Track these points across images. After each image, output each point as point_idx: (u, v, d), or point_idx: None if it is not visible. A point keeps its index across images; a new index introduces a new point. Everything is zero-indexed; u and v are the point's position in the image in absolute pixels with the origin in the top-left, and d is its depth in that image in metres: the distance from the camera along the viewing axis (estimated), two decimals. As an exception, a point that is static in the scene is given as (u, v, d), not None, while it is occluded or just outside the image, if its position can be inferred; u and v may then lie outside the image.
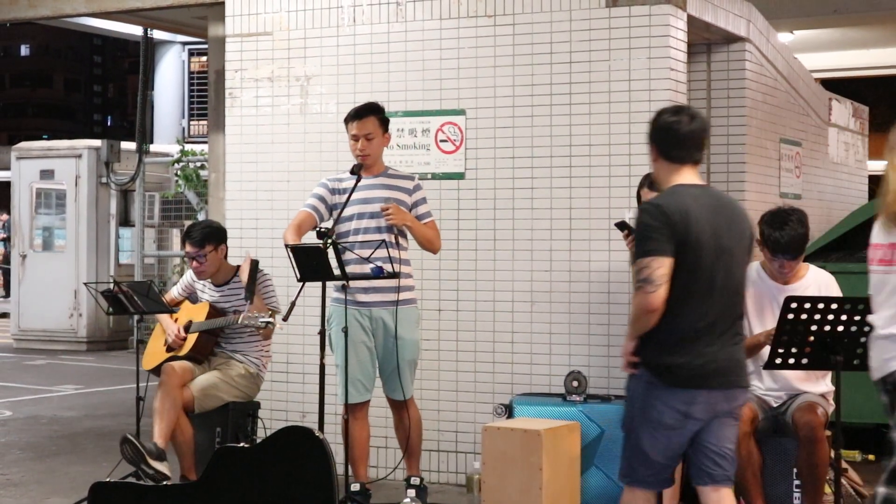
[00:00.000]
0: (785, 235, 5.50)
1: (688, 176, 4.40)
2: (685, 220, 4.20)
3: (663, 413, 4.25)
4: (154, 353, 6.96)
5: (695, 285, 4.22)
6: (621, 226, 6.16)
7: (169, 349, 6.87)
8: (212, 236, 6.82)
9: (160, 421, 6.49)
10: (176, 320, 6.92)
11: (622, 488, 6.40)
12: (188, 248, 6.81)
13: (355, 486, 6.32)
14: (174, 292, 7.09)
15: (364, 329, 6.38)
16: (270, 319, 6.48)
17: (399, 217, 6.28)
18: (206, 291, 6.95)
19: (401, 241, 6.39)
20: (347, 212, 6.35)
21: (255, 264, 6.83)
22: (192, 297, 7.03)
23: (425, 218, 6.47)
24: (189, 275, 7.08)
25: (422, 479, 6.52)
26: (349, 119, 6.47)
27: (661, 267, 4.16)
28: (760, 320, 5.66)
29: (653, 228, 4.20)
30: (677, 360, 4.23)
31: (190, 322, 6.86)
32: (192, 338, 6.80)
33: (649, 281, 4.16)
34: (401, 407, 6.49)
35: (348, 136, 6.48)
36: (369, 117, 6.40)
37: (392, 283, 6.26)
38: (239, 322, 6.55)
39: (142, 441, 6.39)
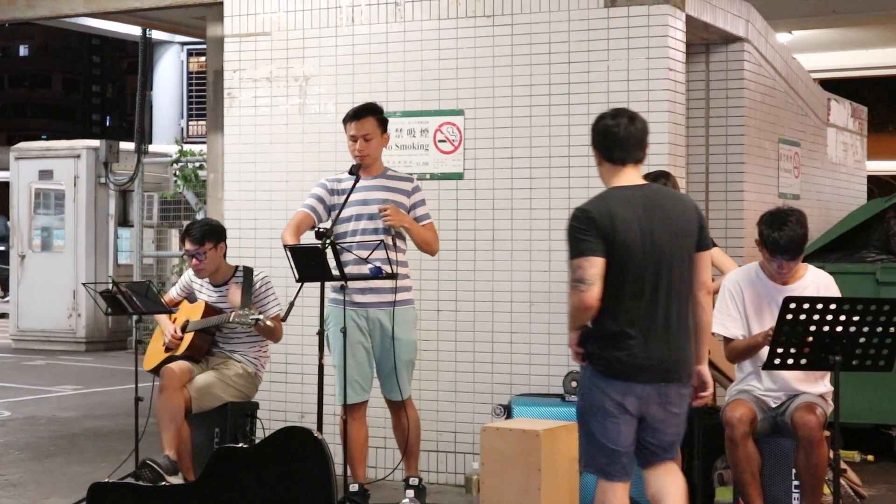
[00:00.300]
0: (784, 236, 5.49)
1: (630, 175, 4.58)
2: (611, 223, 4.40)
3: (604, 401, 4.48)
4: (154, 353, 6.96)
5: (625, 286, 4.42)
6: None
7: (167, 349, 6.87)
8: (211, 234, 6.81)
9: (166, 432, 6.50)
10: (174, 321, 6.92)
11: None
12: (188, 246, 6.80)
13: (354, 487, 6.32)
14: (173, 293, 7.09)
15: (361, 330, 6.38)
16: (260, 316, 6.49)
17: (397, 218, 6.27)
18: (205, 291, 6.94)
19: (398, 242, 6.39)
20: (346, 213, 6.34)
21: (248, 272, 6.83)
22: (190, 297, 7.03)
23: (424, 220, 6.47)
24: (187, 275, 7.07)
25: (420, 480, 6.52)
26: (347, 119, 6.45)
27: (593, 266, 4.37)
28: (759, 320, 5.65)
29: (582, 231, 4.41)
30: (613, 354, 4.45)
31: (187, 321, 6.86)
32: (187, 337, 6.80)
33: (582, 280, 4.38)
34: (399, 407, 6.49)
35: (347, 137, 6.48)
36: (368, 118, 6.39)
37: (389, 283, 6.26)
38: (231, 320, 6.55)
39: (156, 459, 6.39)
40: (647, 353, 4.43)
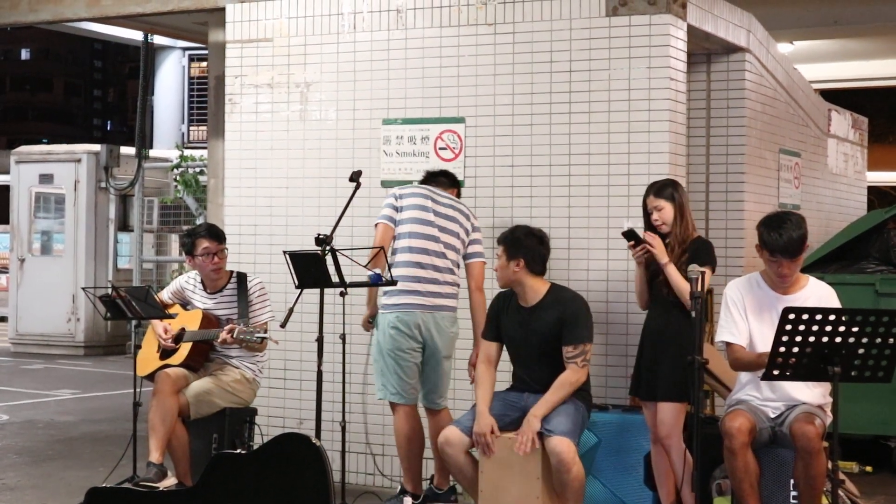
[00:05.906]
0: (784, 234, 5.50)
1: None
2: None
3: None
4: (148, 359, 6.91)
5: None
6: (629, 235, 6.10)
7: (163, 356, 6.83)
8: (223, 235, 6.90)
9: (154, 435, 6.46)
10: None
11: (619, 498, 6.40)
12: (207, 244, 6.75)
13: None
14: (164, 296, 7.03)
15: None
16: (266, 335, 6.47)
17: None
18: (199, 298, 6.91)
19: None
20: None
21: (242, 278, 6.82)
22: (183, 303, 6.99)
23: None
24: (180, 280, 7.04)
25: (403, 488, 6.55)
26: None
27: None
28: (760, 329, 5.64)
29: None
30: None
31: (183, 330, 6.82)
32: (185, 347, 6.76)
33: None
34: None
35: None
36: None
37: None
38: (235, 336, 6.50)
39: (145, 477, 6.36)
40: None
